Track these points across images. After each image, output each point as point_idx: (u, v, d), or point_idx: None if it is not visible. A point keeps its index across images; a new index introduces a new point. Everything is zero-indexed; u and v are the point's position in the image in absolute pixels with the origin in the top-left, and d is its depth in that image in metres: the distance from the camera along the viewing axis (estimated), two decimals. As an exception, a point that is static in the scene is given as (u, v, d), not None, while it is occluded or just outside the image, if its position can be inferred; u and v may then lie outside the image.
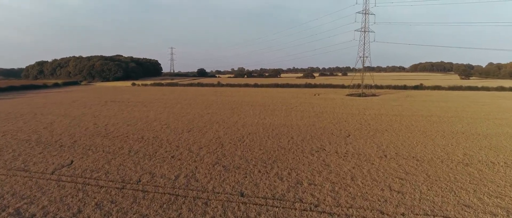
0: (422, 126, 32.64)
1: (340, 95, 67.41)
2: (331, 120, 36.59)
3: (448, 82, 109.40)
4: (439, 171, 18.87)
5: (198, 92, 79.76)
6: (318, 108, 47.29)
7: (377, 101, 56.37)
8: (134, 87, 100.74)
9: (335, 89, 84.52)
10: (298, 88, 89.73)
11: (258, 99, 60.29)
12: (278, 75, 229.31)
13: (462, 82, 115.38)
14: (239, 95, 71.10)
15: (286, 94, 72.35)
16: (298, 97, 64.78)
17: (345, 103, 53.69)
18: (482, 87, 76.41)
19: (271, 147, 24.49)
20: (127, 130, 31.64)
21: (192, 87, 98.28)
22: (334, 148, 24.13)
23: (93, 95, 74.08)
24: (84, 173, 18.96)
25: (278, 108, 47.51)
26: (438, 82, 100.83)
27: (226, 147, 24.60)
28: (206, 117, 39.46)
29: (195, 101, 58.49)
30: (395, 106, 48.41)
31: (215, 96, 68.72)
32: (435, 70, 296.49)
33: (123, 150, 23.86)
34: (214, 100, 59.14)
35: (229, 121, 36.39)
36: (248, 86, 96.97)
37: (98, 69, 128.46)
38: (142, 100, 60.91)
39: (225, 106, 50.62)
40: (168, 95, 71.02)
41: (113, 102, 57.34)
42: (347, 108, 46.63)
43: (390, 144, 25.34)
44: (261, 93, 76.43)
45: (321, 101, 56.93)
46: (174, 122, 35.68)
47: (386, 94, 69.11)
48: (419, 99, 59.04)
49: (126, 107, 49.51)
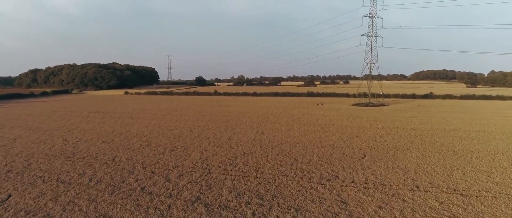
0: (449, 143, 27.59)
1: (346, 105, 62.50)
2: (340, 135, 31.56)
3: (456, 90, 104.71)
4: (498, 213, 13.80)
5: (193, 102, 74.88)
6: (323, 120, 42.31)
7: (388, 111, 51.41)
8: (126, 96, 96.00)
9: (339, 98, 79.65)
10: (300, 97, 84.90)
11: (256, 110, 55.36)
12: (278, 83, 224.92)
13: (470, 90, 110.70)
14: (236, 104, 66.24)
15: (287, 103, 67.48)
16: (300, 107, 59.88)
17: (352, 114, 48.71)
18: (497, 96, 71.54)
19: (270, 174, 19.45)
20: (99, 148, 26.61)
21: (188, 96, 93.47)
22: (350, 175, 19.08)
23: (78, 104, 69.19)
24: (15, 216, 13.91)
25: (278, 120, 42.54)
26: (446, 90, 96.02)
27: (213, 174, 19.55)
28: (196, 131, 34.45)
29: (187, 111, 53.56)
30: (410, 118, 43.41)
31: (210, 106, 63.82)
32: (438, 78, 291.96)
33: (83, 179, 18.81)
34: (208, 111, 54.20)
35: (222, 136, 31.36)
36: (246, 94, 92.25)
37: (91, 77, 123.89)
38: (130, 110, 55.98)
39: (219, 117, 45.67)
40: (159, 105, 66.13)
41: (97, 113, 52.39)
42: (356, 120, 41.63)
43: (419, 169, 20.29)
44: (260, 102, 71.55)
45: (326, 111, 51.97)
46: (157, 138, 30.66)
47: (395, 104, 64.23)
48: (433, 109, 54.08)
49: (109, 119, 44.55)
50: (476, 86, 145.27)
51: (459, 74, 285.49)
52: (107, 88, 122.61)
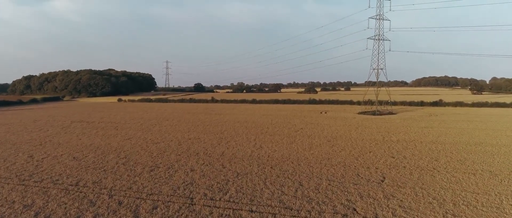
0: (481, 161, 23.31)
1: (351, 113, 58.28)
2: (351, 150, 27.29)
3: (464, 97, 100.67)
4: None
5: (187, 110, 70.65)
6: (329, 130, 38.06)
7: (398, 121, 47.14)
8: (118, 104, 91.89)
9: (343, 106, 75.46)
10: (301, 105, 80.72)
11: (255, 119, 51.13)
12: (278, 90, 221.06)
13: (478, 97, 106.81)
14: (233, 113, 62.04)
15: (288, 111, 63.27)
16: (302, 115, 55.66)
17: (360, 123, 44.45)
18: (511, 103, 67.33)
19: (268, 205, 15.17)
20: (65, 168, 22.33)
21: (183, 104, 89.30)
22: (371, 208, 14.79)
23: (64, 113, 64.97)
24: None
25: (279, 131, 38.31)
26: (453, 97, 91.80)
27: (196, 206, 15.27)
28: (185, 145, 30.17)
29: (180, 121, 49.33)
30: (425, 129, 39.16)
31: (205, 114, 59.58)
32: (440, 85, 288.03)
33: (26, 214, 14.51)
34: (202, 120, 49.97)
35: (213, 152, 27.09)
36: (245, 102, 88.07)
37: (85, 84, 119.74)
38: (118, 119, 51.75)
39: (213, 128, 41.44)
40: (151, 113, 61.88)
41: (80, 122, 48.15)
42: (366, 131, 37.38)
43: (457, 198, 16.00)
44: (259, 110, 67.34)
45: (331, 121, 47.73)
46: (138, 154, 26.40)
47: (403, 112, 60.03)
48: (447, 118, 49.85)
49: (91, 130, 40.32)
50: (482, 93, 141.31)
51: (461, 81, 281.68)
52: (101, 95, 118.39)
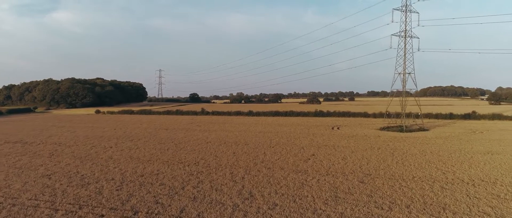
0: None
1: (371, 129, 46.34)
2: (409, 204, 15.26)
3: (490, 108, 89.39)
4: None
5: (168, 124, 58.66)
6: (354, 158, 26.07)
7: (440, 142, 35.10)
8: (94, 116, 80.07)
9: (356, 119, 63.46)
10: (306, 118, 68.75)
11: (249, 137, 39.20)
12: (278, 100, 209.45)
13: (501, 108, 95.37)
14: (223, 128, 50.12)
15: (291, 126, 51.32)
16: (310, 132, 43.69)
17: (392, 146, 32.43)
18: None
19: None
20: None
21: (168, 116, 77.35)
22: None
23: (12, 129, 53.09)
24: None
25: (281, 159, 26.36)
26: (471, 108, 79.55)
27: None
28: (126, 190, 18.19)
29: (148, 141, 37.41)
30: (491, 156, 27.16)
31: (187, 130, 47.60)
32: (446, 95, 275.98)
33: None
34: (179, 140, 38.02)
35: (163, 211, 15.09)
36: (240, 114, 76.08)
37: (63, 94, 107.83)
38: (68, 139, 39.85)
39: (187, 154, 29.54)
40: (120, 129, 49.92)
41: (14, 144, 36.22)
42: (410, 161, 25.36)
43: None
44: (256, 125, 55.43)
45: (350, 141, 35.73)
46: (31, 210, 14.45)
47: (435, 127, 48.14)
48: (498, 136, 37.80)
49: (13, 157, 28.43)
50: (501, 104, 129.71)
51: (469, 91, 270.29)
52: (82, 106, 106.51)
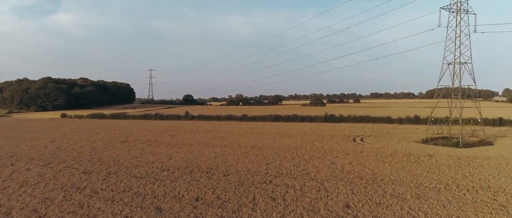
0: None
1: (408, 142, 32.84)
2: None
3: None
4: None
5: (134, 133, 44.98)
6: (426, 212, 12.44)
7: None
8: (54, 122, 66.78)
9: (378, 125, 49.89)
10: (314, 123, 55.22)
11: (233, 158, 25.59)
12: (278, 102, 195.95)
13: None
14: (203, 140, 36.47)
15: (296, 138, 37.68)
16: (325, 148, 30.01)
17: (472, 180, 18.76)
18: None
19: None
20: None
21: (144, 121, 63.90)
22: None
23: None
24: None
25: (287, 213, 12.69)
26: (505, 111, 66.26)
27: None
28: None
29: (75, 165, 23.78)
30: None
31: (149, 145, 33.74)
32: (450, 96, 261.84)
33: None
34: (127, 163, 24.35)
35: None
36: (232, 119, 62.62)
37: (33, 95, 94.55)
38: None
39: (107, 202, 15.91)
40: (62, 141, 36.24)
41: None
42: None
43: None
44: (251, 134, 41.84)
45: (394, 167, 21.98)
46: None
47: (498, 138, 34.74)
48: None
49: None
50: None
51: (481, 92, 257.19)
52: (54, 108, 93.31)
